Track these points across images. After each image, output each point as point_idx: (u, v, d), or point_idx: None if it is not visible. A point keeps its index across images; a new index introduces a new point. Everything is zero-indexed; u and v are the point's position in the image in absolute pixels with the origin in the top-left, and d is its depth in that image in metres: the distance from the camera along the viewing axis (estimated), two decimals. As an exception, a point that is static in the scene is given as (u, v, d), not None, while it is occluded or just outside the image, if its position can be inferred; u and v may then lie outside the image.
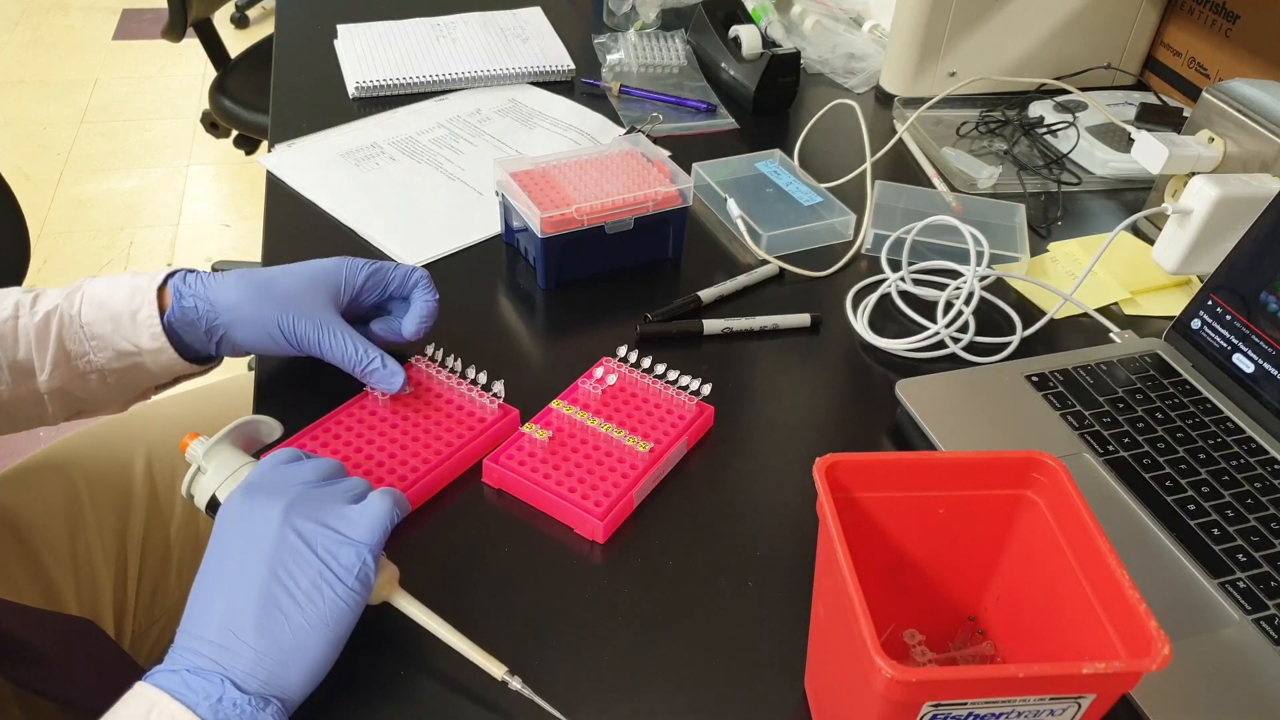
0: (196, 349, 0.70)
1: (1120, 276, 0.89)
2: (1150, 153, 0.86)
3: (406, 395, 0.71)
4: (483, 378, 0.73)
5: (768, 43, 1.16)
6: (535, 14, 1.33)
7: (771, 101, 1.14)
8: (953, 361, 0.80)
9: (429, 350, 0.74)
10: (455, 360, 0.74)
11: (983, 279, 0.85)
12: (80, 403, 0.72)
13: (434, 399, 0.72)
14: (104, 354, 0.69)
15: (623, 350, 0.76)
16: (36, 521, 0.81)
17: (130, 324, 0.68)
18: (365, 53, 1.19)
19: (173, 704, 0.46)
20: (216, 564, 0.51)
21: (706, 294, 0.85)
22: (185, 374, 0.72)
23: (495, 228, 0.92)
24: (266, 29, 3.14)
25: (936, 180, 1.03)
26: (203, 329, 0.68)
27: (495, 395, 0.71)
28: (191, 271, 0.70)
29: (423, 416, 0.70)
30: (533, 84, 1.19)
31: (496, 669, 0.53)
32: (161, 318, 0.68)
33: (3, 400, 0.68)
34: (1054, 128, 1.09)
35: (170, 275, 0.69)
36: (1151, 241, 0.87)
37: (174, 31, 1.82)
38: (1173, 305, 0.84)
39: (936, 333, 0.80)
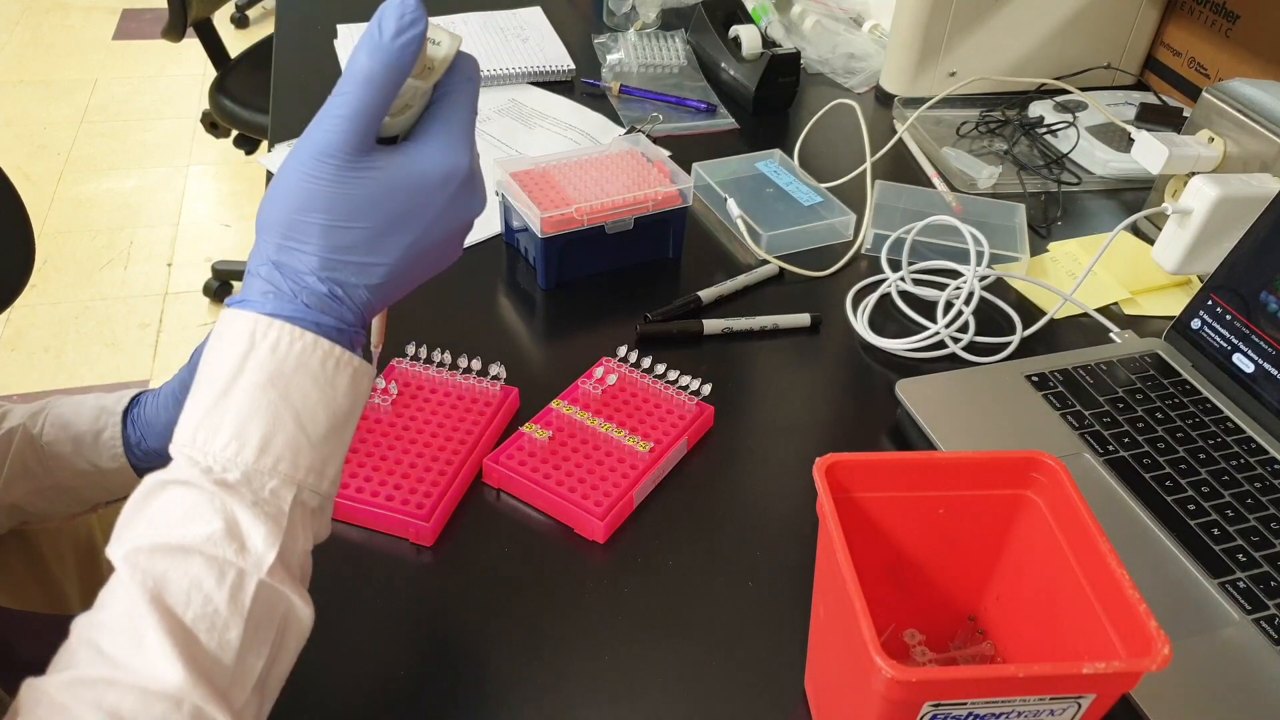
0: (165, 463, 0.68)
1: (1120, 276, 0.89)
2: (1150, 153, 0.86)
3: (405, 397, 0.71)
4: (476, 364, 0.73)
5: (768, 43, 1.15)
6: (535, 14, 1.33)
7: (771, 101, 1.14)
8: (953, 361, 0.80)
9: (410, 350, 0.74)
10: (444, 354, 0.74)
11: (983, 279, 0.85)
12: (29, 515, 0.71)
13: (430, 395, 0.72)
14: (61, 473, 0.67)
15: (623, 350, 0.76)
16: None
17: (93, 445, 0.66)
18: (365, 53, 1.18)
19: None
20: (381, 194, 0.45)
21: (706, 294, 0.85)
22: None
23: (495, 228, 0.92)
24: (266, 29, 3.14)
25: (936, 180, 1.03)
26: (155, 455, 0.67)
27: (496, 378, 0.72)
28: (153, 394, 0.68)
29: (428, 415, 0.70)
30: (533, 84, 1.19)
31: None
32: (126, 439, 0.66)
33: None
34: (1054, 128, 1.09)
35: (136, 398, 0.68)
36: (1151, 241, 0.87)
37: (174, 31, 1.82)
38: (1173, 305, 0.85)
39: (936, 333, 0.80)
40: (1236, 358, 0.74)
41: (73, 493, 0.69)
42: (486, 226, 0.93)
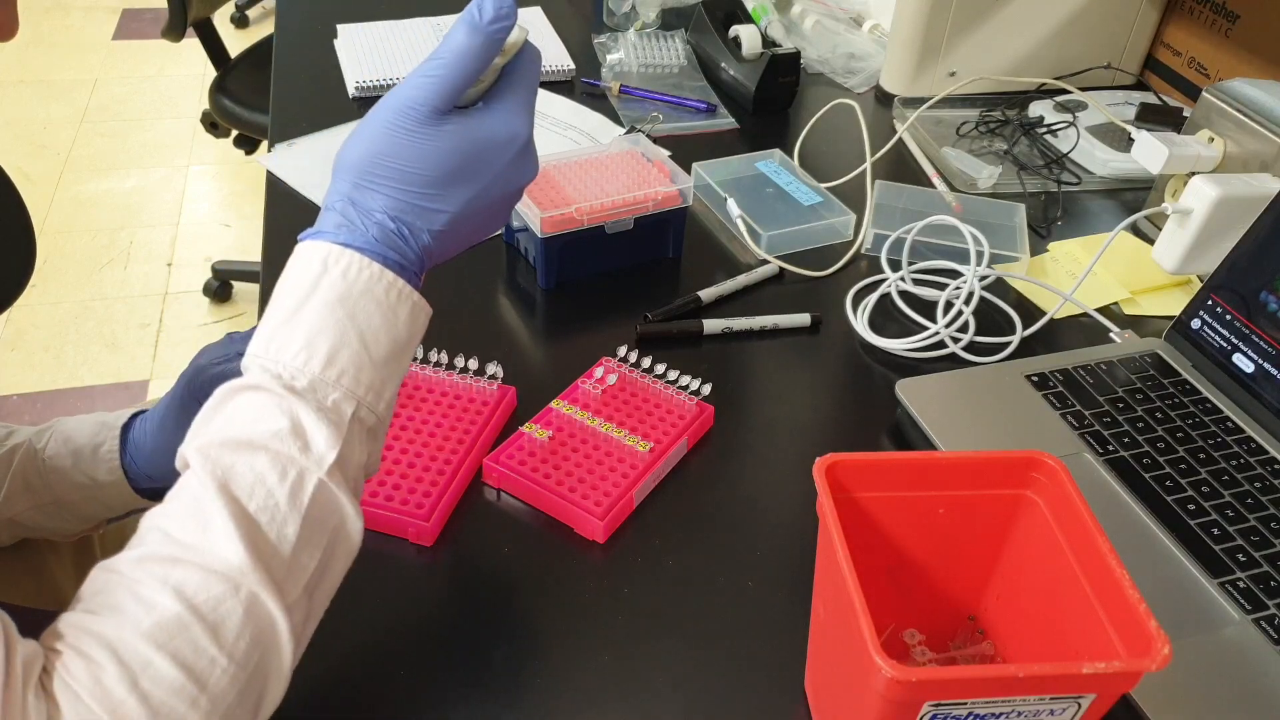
0: (152, 485, 0.69)
1: (1120, 276, 0.89)
2: (1150, 153, 0.86)
3: (402, 397, 0.71)
4: (473, 363, 0.73)
5: (768, 42, 1.15)
6: (535, 14, 1.33)
7: (771, 101, 1.14)
8: (953, 361, 0.80)
9: None
10: (440, 353, 0.74)
11: (983, 279, 0.85)
12: (29, 531, 0.72)
13: (428, 395, 0.72)
14: (60, 487, 0.69)
15: (623, 350, 0.76)
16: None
17: (91, 458, 0.68)
18: (365, 52, 1.19)
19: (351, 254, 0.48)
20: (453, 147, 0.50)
21: (706, 294, 0.85)
22: (142, 507, 0.70)
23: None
24: (266, 29, 3.14)
25: (936, 180, 1.03)
26: (144, 477, 0.68)
27: (493, 378, 0.72)
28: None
29: (426, 415, 0.70)
30: (533, 84, 1.19)
31: None
32: (123, 453, 0.68)
33: None
34: (1054, 128, 1.09)
35: (136, 415, 0.69)
36: (1151, 241, 0.87)
37: (174, 31, 1.82)
38: (1173, 305, 0.85)
39: (936, 333, 0.80)
40: (1236, 358, 0.74)
41: (71, 508, 0.70)
42: (486, 226, 0.93)
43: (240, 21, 3.36)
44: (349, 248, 0.48)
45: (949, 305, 0.82)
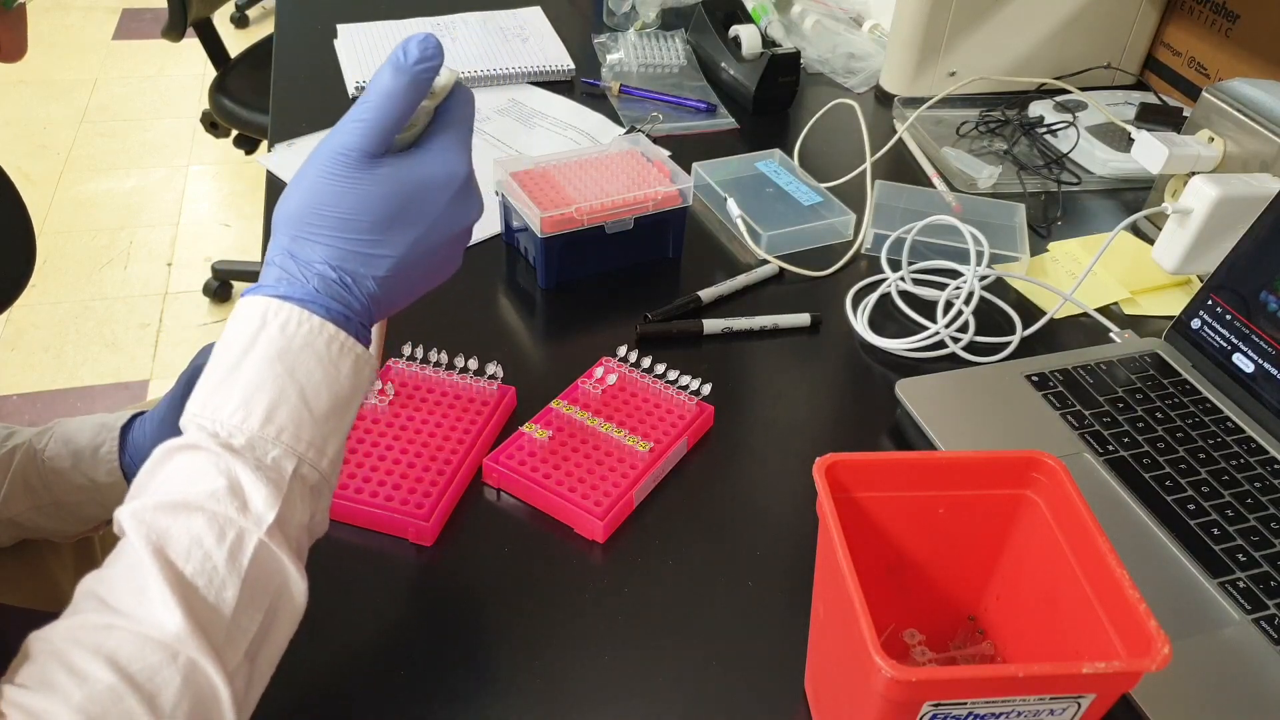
0: None
1: (1120, 276, 0.89)
2: (1150, 152, 0.86)
3: (402, 397, 0.71)
4: (473, 363, 0.73)
5: (768, 42, 1.15)
6: (535, 14, 1.33)
7: (771, 101, 1.14)
8: (953, 361, 0.80)
9: (406, 350, 0.74)
10: (439, 354, 0.74)
11: (983, 279, 0.85)
12: (28, 531, 0.72)
13: (427, 395, 0.72)
14: (59, 488, 0.69)
15: (623, 350, 0.76)
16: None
17: (91, 459, 0.68)
18: (365, 52, 1.19)
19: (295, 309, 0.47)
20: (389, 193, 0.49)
21: (706, 294, 0.85)
22: None
23: (495, 228, 0.92)
24: (266, 29, 3.14)
25: (936, 180, 1.03)
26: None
27: (493, 377, 0.72)
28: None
29: (425, 415, 0.70)
30: (533, 84, 1.19)
31: None
32: (122, 454, 0.68)
33: None
34: (1054, 127, 1.09)
35: (135, 416, 0.69)
36: (1151, 241, 0.87)
37: (174, 31, 1.82)
38: (1173, 305, 0.84)
39: (936, 332, 0.80)
40: (1236, 358, 0.74)
41: (71, 509, 0.70)
42: (487, 226, 0.93)
43: (240, 21, 3.36)
44: (289, 300, 0.47)
45: (949, 305, 0.82)
